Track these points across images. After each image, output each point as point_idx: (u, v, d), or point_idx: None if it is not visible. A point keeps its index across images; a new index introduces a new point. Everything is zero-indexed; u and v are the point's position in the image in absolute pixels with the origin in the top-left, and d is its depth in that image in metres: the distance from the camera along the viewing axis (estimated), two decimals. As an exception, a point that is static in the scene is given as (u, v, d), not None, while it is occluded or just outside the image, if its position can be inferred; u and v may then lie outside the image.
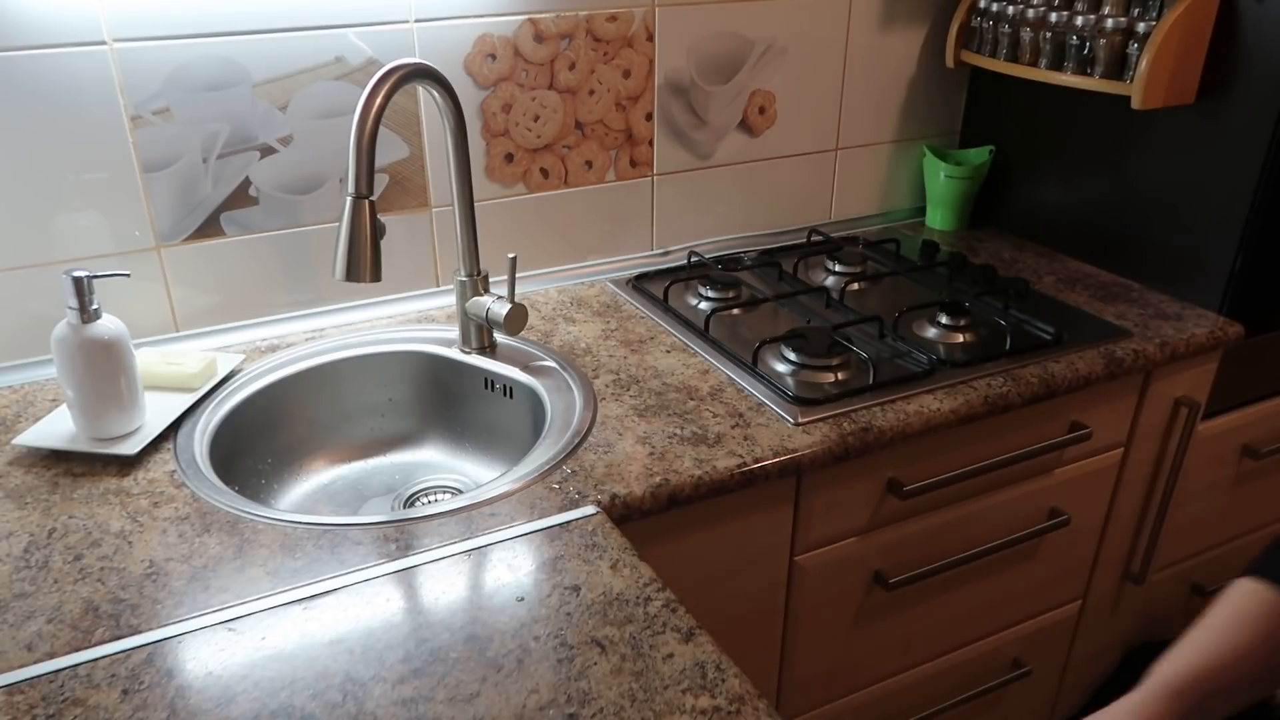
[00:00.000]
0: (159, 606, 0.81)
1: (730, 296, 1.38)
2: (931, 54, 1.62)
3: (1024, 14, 1.41)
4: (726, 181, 1.55)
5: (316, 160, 1.26)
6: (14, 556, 0.87)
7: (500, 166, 1.37)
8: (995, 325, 1.30)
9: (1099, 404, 1.28)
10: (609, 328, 1.31)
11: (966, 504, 1.24)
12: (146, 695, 0.72)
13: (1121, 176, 1.45)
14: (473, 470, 1.24)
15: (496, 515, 0.92)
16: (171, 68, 1.14)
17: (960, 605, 1.33)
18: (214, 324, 1.28)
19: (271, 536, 0.89)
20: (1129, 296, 1.41)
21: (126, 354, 1.01)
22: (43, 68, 1.08)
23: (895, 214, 1.73)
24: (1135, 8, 1.30)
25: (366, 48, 1.23)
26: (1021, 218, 1.65)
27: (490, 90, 1.32)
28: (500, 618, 0.79)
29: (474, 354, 1.23)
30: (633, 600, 0.81)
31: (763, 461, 1.01)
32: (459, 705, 0.71)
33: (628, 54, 1.39)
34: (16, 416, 1.09)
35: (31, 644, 0.77)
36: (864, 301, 1.40)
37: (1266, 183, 1.26)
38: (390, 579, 0.84)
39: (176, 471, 0.99)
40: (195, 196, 1.21)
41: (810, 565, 1.15)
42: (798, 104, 1.55)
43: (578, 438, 1.04)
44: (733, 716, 0.70)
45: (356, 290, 1.34)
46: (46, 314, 1.16)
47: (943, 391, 1.14)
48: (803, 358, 1.18)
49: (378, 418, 1.26)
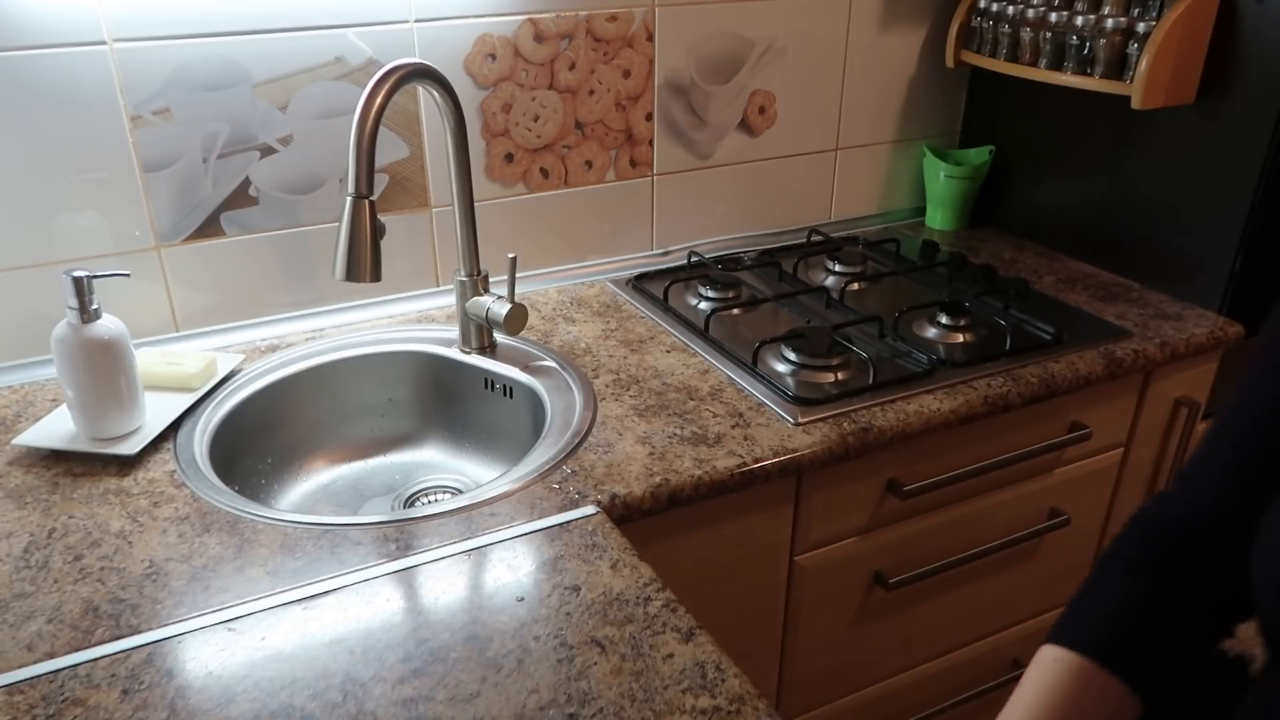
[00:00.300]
0: (159, 606, 0.81)
1: (730, 296, 1.38)
2: (931, 54, 1.62)
3: (1024, 14, 1.41)
4: (726, 181, 1.55)
5: (316, 160, 1.26)
6: (14, 556, 0.87)
7: (500, 166, 1.37)
8: (995, 325, 1.30)
9: (1099, 404, 1.28)
10: (609, 328, 1.31)
11: (966, 504, 1.24)
12: (146, 695, 0.72)
13: (1121, 176, 1.45)
14: (473, 470, 1.24)
15: (496, 515, 0.92)
16: (171, 68, 1.14)
17: (960, 605, 1.33)
18: (214, 324, 1.28)
19: (271, 536, 0.89)
20: (1129, 296, 1.41)
21: (126, 354, 1.01)
22: (43, 68, 1.08)
23: (895, 214, 1.73)
24: (1135, 8, 1.30)
25: (366, 48, 1.23)
26: (1021, 218, 1.65)
27: (490, 90, 1.32)
28: (500, 618, 0.79)
29: (474, 354, 1.23)
30: (633, 600, 0.81)
31: (763, 461, 1.01)
32: (459, 705, 0.71)
33: (628, 54, 1.39)
34: (16, 416, 1.09)
35: (31, 644, 0.77)
36: (864, 301, 1.40)
37: (1266, 183, 1.26)
38: (390, 579, 0.84)
39: (176, 471, 0.99)
40: (195, 196, 1.21)
41: (810, 565, 1.15)
42: (798, 104, 1.55)
43: (578, 438, 1.04)
44: (733, 716, 0.70)
45: (356, 290, 1.34)
46: (46, 314, 1.16)
47: (943, 391, 1.14)
48: (803, 358, 1.18)
49: (378, 418, 1.26)
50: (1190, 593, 0.67)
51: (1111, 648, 0.67)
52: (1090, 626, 0.69)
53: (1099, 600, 0.70)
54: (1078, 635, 0.68)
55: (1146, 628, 0.68)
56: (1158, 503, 0.73)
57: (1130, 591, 0.69)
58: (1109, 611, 0.69)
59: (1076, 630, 0.69)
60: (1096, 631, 0.68)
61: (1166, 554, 0.69)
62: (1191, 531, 0.69)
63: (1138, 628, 0.68)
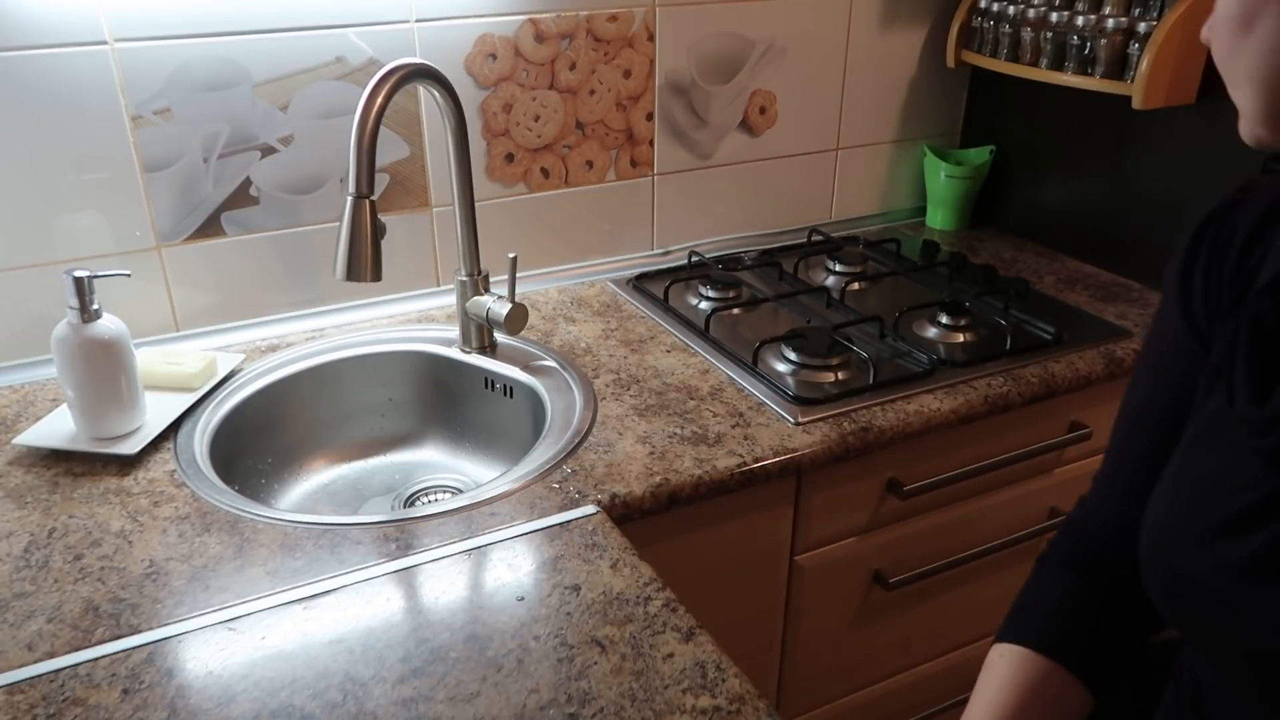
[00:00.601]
0: (159, 606, 0.81)
1: (730, 296, 1.38)
2: (932, 54, 1.62)
3: (1025, 14, 1.41)
4: (727, 181, 1.55)
5: (317, 160, 1.26)
6: (14, 556, 0.87)
7: (501, 166, 1.37)
8: (995, 325, 1.30)
9: (1099, 404, 1.28)
10: (609, 327, 1.31)
11: (966, 504, 1.24)
12: (146, 695, 0.72)
13: (1122, 176, 1.45)
14: (473, 470, 1.24)
15: (496, 515, 0.92)
16: (172, 68, 1.14)
17: (960, 605, 1.33)
18: (214, 324, 1.28)
19: (271, 536, 0.90)
20: (1129, 296, 1.41)
21: (127, 354, 1.01)
22: (43, 68, 1.08)
23: (895, 214, 1.73)
24: (1136, 8, 1.30)
25: (367, 48, 1.23)
26: (1021, 218, 1.65)
27: (491, 90, 1.32)
28: (500, 617, 0.79)
29: (474, 354, 1.23)
30: (633, 600, 0.81)
31: (763, 461, 1.01)
32: (459, 705, 0.71)
33: (628, 54, 1.39)
34: (16, 416, 1.09)
35: (31, 643, 0.77)
36: (864, 301, 1.40)
37: (1267, 183, 1.26)
38: (390, 579, 0.84)
39: (176, 471, 0.99)
40: (196, 196, 1.21)
41: (810, 565, 1.15)
42: (798, 104, 1.55)
43: (578, 437, 1.04)
44: (733, 716, 0.70)
45: (357, 290, 1.34)
46: (47, 314, 1.16)
47: (943, 391, 1.14)
48: (803, 357, 1.18)
49: (378, 417, 1.26)
50: (1114, 587, 0.73)
51: (1055, 640, 0.72)
52: (1034, 622, 0.74)
53: (1039, 598, 0.76)
54: (1024, 631, 0.73)
55: (1083, 620, 0.73)
56: (1079, 506, 0.79)
57: (1066, 588, 0.75)
58: (1049, 608, 0.74)
59: (1022, 627, 0.74)
60: (1040, 626, 0.73)
61: (1088, 553, 0.75)
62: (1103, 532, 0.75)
63: (1075, 621, 0.73)
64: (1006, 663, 0.72)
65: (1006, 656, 0.73)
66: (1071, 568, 0.75)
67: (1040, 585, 0.77)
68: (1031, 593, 0.77)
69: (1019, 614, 0.76)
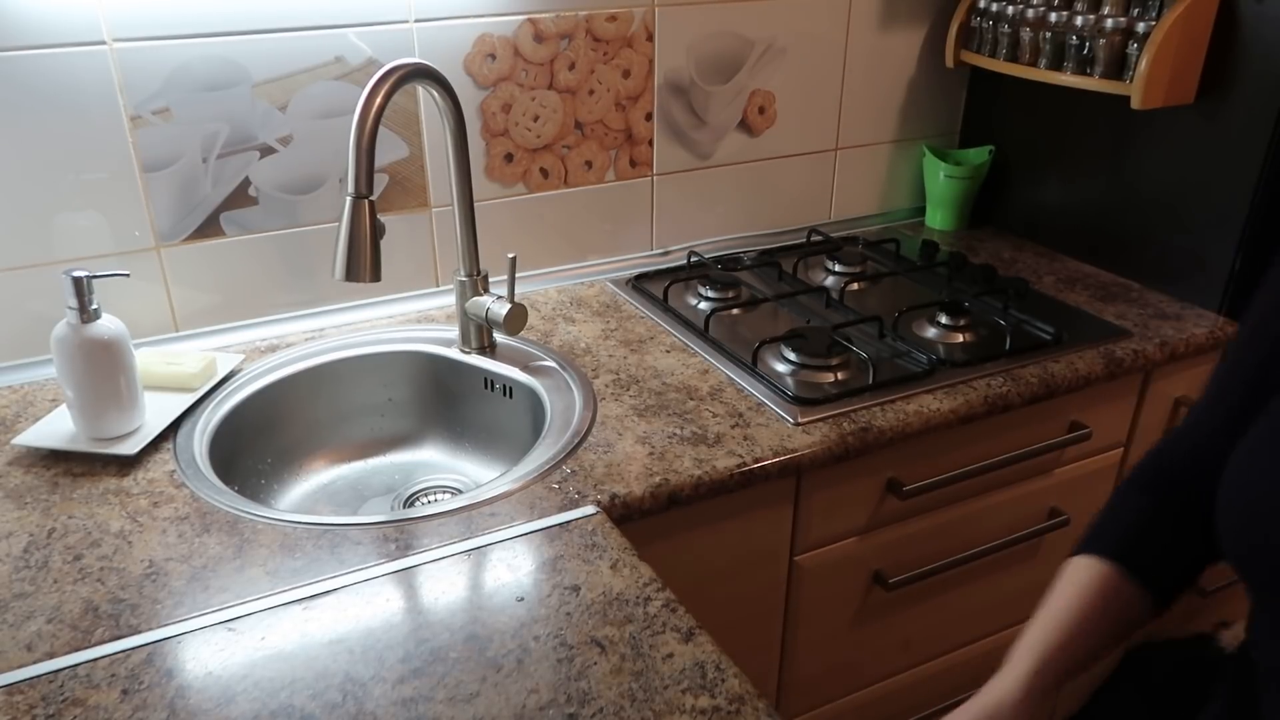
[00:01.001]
0: (159, 606, 0.81)
1: (730, 296, 1.38)
2: (931, 54, 1.62)
3: (1024, 14, 1.41)
4: (726, 181, 1.55)
5: (316, 160, 1.26)
6: (14, 556, 0.87)
7: (500, 166, 1.37)
8: (995, 325, 1.30)
9: (1099, 404, 1.28)
10: (609, 328, 1.31)
11: (966, 504, 1.24)
12: (146, 695, 0.72)
13: (1121, 176, 1.45)
14: (472, 470, 1.24)
15: (496, 515, 0.92)
16: (171, 68, 1.14)
17: (960, 605, 1.33)
18: (214, 324, 1.28)
19: (271, 536, 0.89)
20: (1129, 296, 1.41)
21: (126, 354, 1.01)
22: (43, 68, 1.08)
23: (895, 214, 1.73)
24: (1135, 8, 1.30)
25: (366, 48, 1.23)
26: (1021, 218, 1.65)
27: (490, 90, 1.32)
28: (500, 618, 0.79)
29: (474, 354, 1.23)
30: (633, 600, 0.81)
31: (762, 461, 1.01)
32: (459, 705, 0.71)
33: (627, 54, 1.39)
34: (16, 416, 1.09)
35: (31, 644, 0.77)
36: (864, 301, 1.40)
37: (1266, 183, 1.26)
38: (390, 579, 0.84)
39: (176, 471, 0.99)
40: (195, 196, 1.21)
41: (810, 565, 1.15)
42: (798, 104, 1.55)
43: (577, 438, 1.04)
44: (733, 716, 0.70)
45: (356, 290, 1.34)
46: (46, 314, 1.16)
47: (942, 391, 1.14)
48: (802, 358, 1.18)
49: (377, 418, 1.26)
50: (1189, 509, 0.76)
51: (1128, 553, 0.77)
52: (1109, 535, 0.79)
53: (1118, 516, 0.81)
54: (1100, 544, 0.78)
55: (1156, 538, 0.78)
56: (1166, 435, 0.83)
57: (1143, 508, 0.79)
58: (1124, 522, 0.80)
59: (1099, 540, 0.79)
60: (1115, 537, 0.79)
61: (1170, 478, 0.79)
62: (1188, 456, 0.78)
63: (1148, 535, 0.78)
64: (1076, 570, 0.77)
65: (1077, 565, 0.78)
66: (1149, 492, 0.79)
67: (1117, 504, 0.81)
68: (1109, 511, 0.81)
69: (1094, 529, 0.81)
